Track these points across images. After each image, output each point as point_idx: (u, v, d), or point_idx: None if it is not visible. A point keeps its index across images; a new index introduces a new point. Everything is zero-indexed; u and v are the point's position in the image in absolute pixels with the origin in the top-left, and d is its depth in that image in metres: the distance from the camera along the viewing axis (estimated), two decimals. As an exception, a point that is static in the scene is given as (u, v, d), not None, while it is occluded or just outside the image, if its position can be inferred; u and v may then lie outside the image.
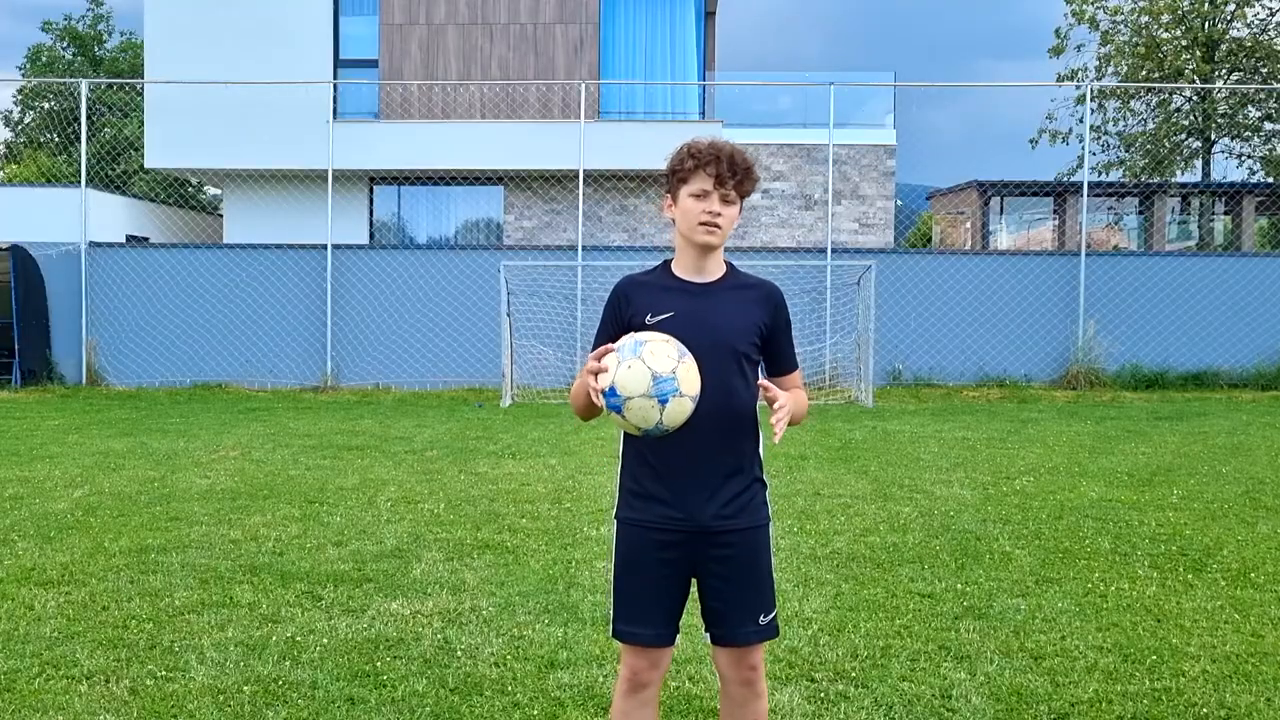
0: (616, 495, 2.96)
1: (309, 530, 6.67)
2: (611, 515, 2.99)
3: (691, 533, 2.83)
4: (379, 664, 4.34)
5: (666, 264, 2.95)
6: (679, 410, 2.65)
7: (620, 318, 2.90)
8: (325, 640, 4.61)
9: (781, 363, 2.99)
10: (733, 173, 2.80)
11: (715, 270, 2.91)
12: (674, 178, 2.87)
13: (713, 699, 3.95)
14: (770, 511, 2.97)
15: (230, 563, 5.87)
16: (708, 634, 2.93)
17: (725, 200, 2.82)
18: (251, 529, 6.69)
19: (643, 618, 2.86)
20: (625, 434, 2.90)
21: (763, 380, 2.85)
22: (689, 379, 2.65)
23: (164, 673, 4.24)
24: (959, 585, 5.47)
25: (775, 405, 2.79)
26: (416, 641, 4.61)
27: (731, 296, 2.89)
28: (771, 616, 2.92)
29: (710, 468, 2.83)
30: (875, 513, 7.20)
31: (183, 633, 4.72)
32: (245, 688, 4.09)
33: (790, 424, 2.94)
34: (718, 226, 2.82)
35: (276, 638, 4.65)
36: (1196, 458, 9.55)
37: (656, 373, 2.62)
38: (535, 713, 3.89)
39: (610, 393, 2.64)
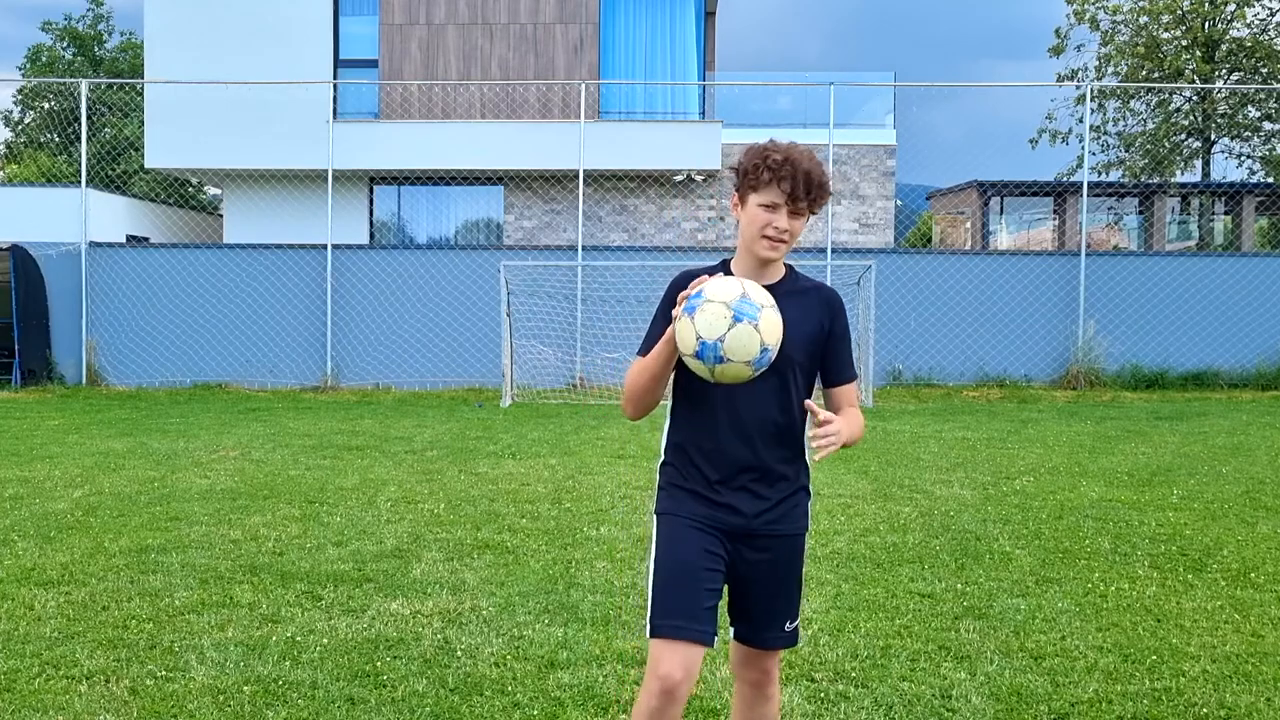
0: (657, 492, 2.89)
1: (309, 530, 6.67)
2: (651, 511, 2.90)
3: (737, 535, 2.77)
4: (379, 664, 4.34)
5: (726, 263, 2.86)
6: (772, 324, 2.59)
7: None
8: (325, 640, 4.61)
9: (839, 372, 2.87)
10: (807, 190, 2.71)
11: (775, 273, 2.82)
12: (745, 181, 2.76)
13: (713, 699, 3.95)
14: (810, 521, 2.92)
15: (230, 563, 5.87)
16: (731, 628, 2.89)
17: (794, 214, 2.73)
18: (251, 529, 6.69)
19: (685, 610, 2.69)
20: (670, 434, 2.85)
21: (810, 403, 2.73)
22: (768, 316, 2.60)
23: (164, 673, 4.24)
24: (959, 585, 5.47)
25: (822, 422, 2.65)
26: (416, 641, 4.60)
27: (793, 303, 2.76)
28: (795, 624, 2.89)
29: (760, 476, 2.77)
30: (875, 513, 7.19)
31: (183, 633, 4.72)
32: (245, 688, 4.09)
33: (843, 446, 2.78)
34: (782, 242, 2.73)
35: (276, 638, 4.64)
36: (1196, 458, 9.55)
37: (731, 298, 2.58)
38: (535, 713, 3.89)
39: (703, 347, 2.57)
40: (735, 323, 2.54)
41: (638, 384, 2.78)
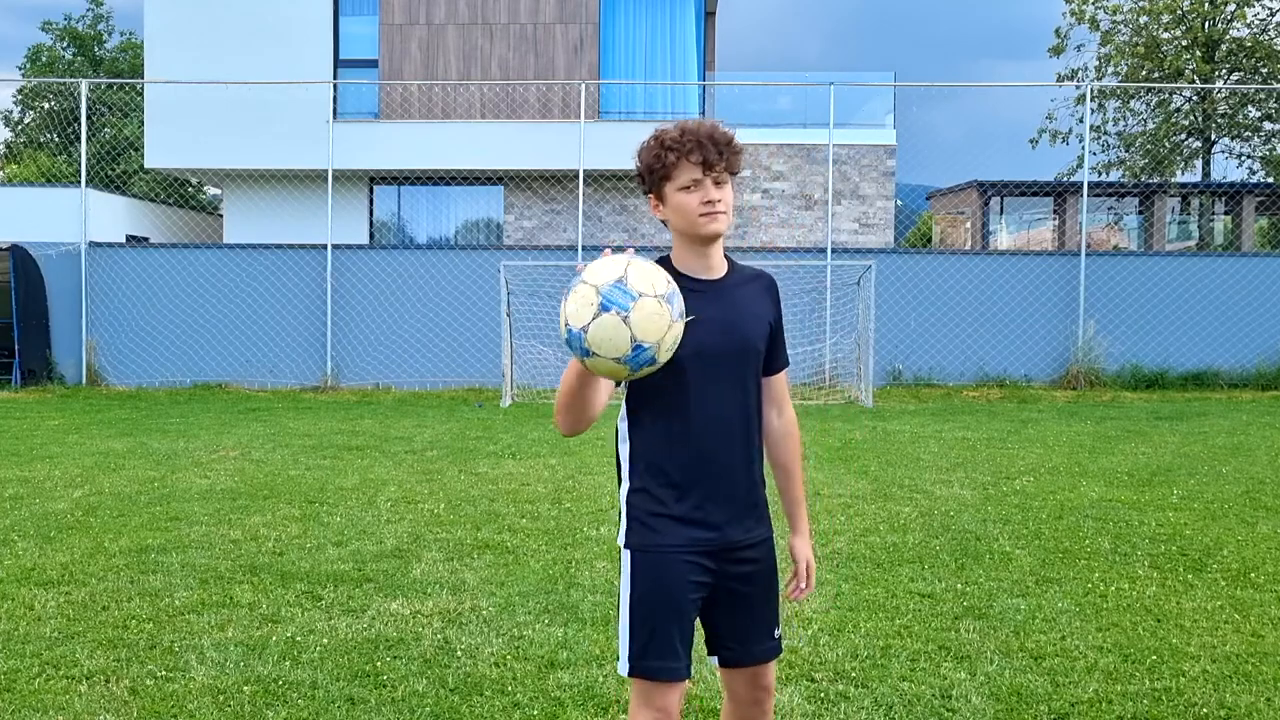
0: (625, 519, 2.66)
1: (309, 530, 6.67)
2: (619, 543, 2.69)
3: (718, 552, 2.62)
4: (379, 664, 4.34)
5: (667, 264, 2.66)
6: (650, 317, 2.26)
7: None
8: (325, 640, 4.61)
9: (777, 359, 2.77)
10: (719, 153, 2.57)
11: (721, 264, 2.68)
12: (653, 175, 2.62)
13: (713, 699, 3.95)
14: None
15: (230, 563, 5.88)
16: (715, 657, 2.75)
17: (718, 183, 2.58)
18: (251, 529, 6.69)
19: (675, 650, 2.57)
20: (636, 453, 2.65)
21: (798, 588, 2.85)
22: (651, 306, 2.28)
23: (164, 673, 4.24)
24: (959, 585, 5.46)
25: (799, 582, 2.86)
26: (416, 641, 4.61)
27: (744, 292, 2.69)
28: (780, 631, 2.81)
29: (735, 480, 2.65)
30: (875, 513, 7.19)
31: (183, 633, 4.72)
32: (245, 688, 4.09)
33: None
34: (721, 213, 2.58)
35: (276, 638, 4.65)
36: (1196, 458, 9.55)
37: (603, 282, 2.27)
38: (535, 713, 3.89)
39: (572, 337, 2.29)
40: (601, 312, 2.24)
41: (562, 388, 2.53)
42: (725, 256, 2.72)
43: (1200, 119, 26.36)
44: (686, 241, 2.65)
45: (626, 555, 2.65)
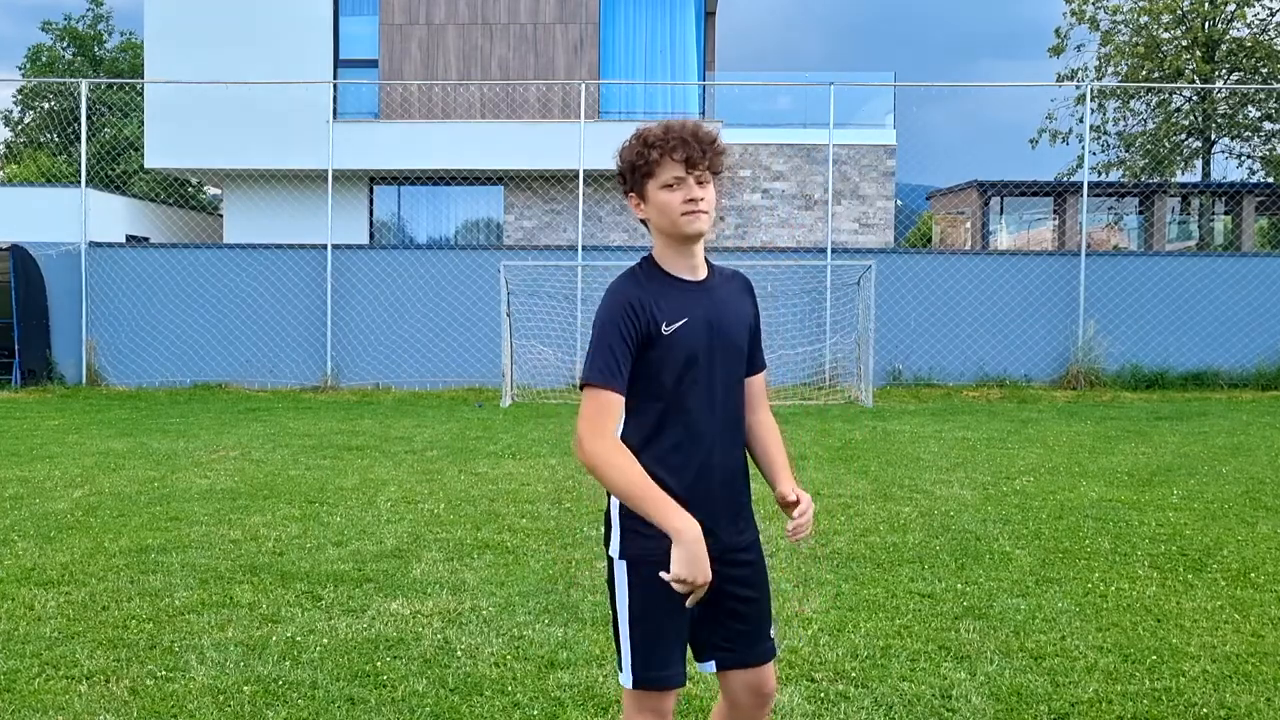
0: (619, 529, 2.60)
1: (309, 530, 6.67)
2: (610, 553, 2.62)
3: (715, 557, 2.53)
4: (379, 664, 4.34)
5: (652, 265, 2.64)
6: None
7: (639, 327, 2.54)
8: (325, 640, 4.61)
9: (755, 359, 2.78)
10: (702, 151, 2.54)
11: (704, 264, 2.66)
12: (636, 174, 2.58)
13: (712, 699, 3.95)
14: None
15: (230, 563, 5.87)
16: (710, 663, 2.72)
17: (700, 182, 2.56)
18: (251, 529, 6.69)
19: (672, 658, 2.56)
20: (638, 459, 2.60)
21: (783, 494, 2.68)
22: None
23: (164, 673, 4.24)
24: (959, 585, 5.46)
25: (800, 510, 2.66)
26: (416, 641, 4.60)
27: (727, 291, 2.69)
28: (775, 631, 2.80)
29: (728, 483, 2.64)
30: (875, 513, 7.19)
31: (183, 633, 4.72)
32: (245, 688, 4.09)
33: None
34: (704, 212, 2.56)
35: (276, 638, 4.65)
36: (1196, 458, 9.55)
37: None
38: (535, 713, 3.89)
39: None
40: None
41: (622, 490, 2.47)
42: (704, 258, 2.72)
43: (1200, 119, 26.38)
44: (669, 241, 2.62)
45: (623, 566, 2.60)
